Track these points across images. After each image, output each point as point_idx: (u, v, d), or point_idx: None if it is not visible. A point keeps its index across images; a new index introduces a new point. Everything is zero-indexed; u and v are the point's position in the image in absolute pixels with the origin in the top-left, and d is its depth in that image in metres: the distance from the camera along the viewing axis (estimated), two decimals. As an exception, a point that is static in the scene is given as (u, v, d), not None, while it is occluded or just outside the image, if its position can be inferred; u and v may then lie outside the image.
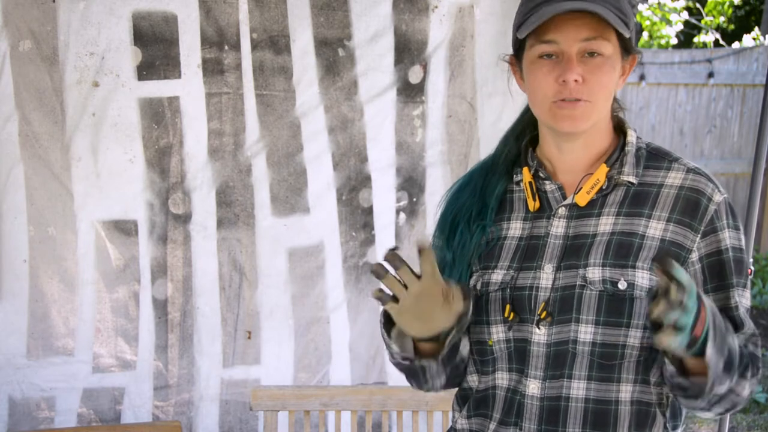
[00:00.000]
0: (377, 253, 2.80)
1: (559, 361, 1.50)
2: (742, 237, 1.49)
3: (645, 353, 1.48)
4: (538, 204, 1.56)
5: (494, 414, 1.58)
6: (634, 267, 1.46)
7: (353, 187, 2.74)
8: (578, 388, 1.49)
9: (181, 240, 2.62)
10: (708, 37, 11.94)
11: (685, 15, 12.47)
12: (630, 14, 1.47)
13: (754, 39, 10.95)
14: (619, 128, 1.58)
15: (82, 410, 2.62)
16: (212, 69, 2.55)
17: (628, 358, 1.48)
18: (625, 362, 1.48)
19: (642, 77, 8.70)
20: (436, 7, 2.68)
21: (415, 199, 2.80)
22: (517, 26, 1.48)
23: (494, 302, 1.56)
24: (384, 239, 2.80)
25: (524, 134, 1.65)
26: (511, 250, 1.57)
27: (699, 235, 1.46)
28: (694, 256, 1.46)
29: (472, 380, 1.63)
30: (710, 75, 8.66)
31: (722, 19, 12.80)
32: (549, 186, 1.57)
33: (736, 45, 10.62)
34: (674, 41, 12.26)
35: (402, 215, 2.80)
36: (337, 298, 2.79)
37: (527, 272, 1.54)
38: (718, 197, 1.47)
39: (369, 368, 2.86)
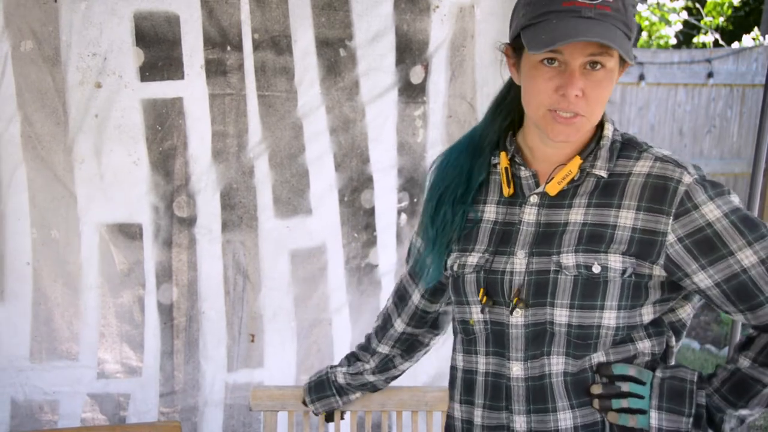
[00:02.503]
0: (379, 255, 2.80)
1: (538, 340, 1.54)
2: (733, 198, 1.48)
3: (621, 332, 1.52)
4: (512, 191, 1.60)
5: (478, 400, 1.63)
6: (606, 252, 1.49)
7: (355, 188, 2.74)
8: (557, 363, 1.54)
9: (186, 244, 2.61)
10: (707, 37, 11.96)
11: (684, 15, 12.48)
12: (633, 24, 1.47)
13: (753, 39, 10.96)
14: (600, 120, 1.58)
15: (86, 415, 2.61)
16: (215, 70, 2.54)
17: (604, 337, 1.52)
18: (600, 341, 1.52)
19: (641, 77, 8.71)
20: (437, 7, 2.68)
21: (416, 200, 2.80)
22: (522, 27, 1.46)
23: (470, 284, 1.61)
24: (385, 240, 2.80)
25: (505, 116, 1.66)
26: (487, 234, 1.62)
27: (671, 218, 1.46)
28: (671, 237, 1.46)
29: (459, 359, 1.68)
30: (709, 75, 8.67)
31: (721, 19, 12.81)
32: (524, 172, 1.60)
33: (735, 45, 10.63)
34: (673, 41, 12.27)
35: (403, 216, 2.80)
36: (340, 299, 2.79)
37: (501, 256, 1.58)
38: (687, 179, 1.46)
39: (370, 369, 2.86)
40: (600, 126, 1.57)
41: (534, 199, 1.57)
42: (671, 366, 1.58)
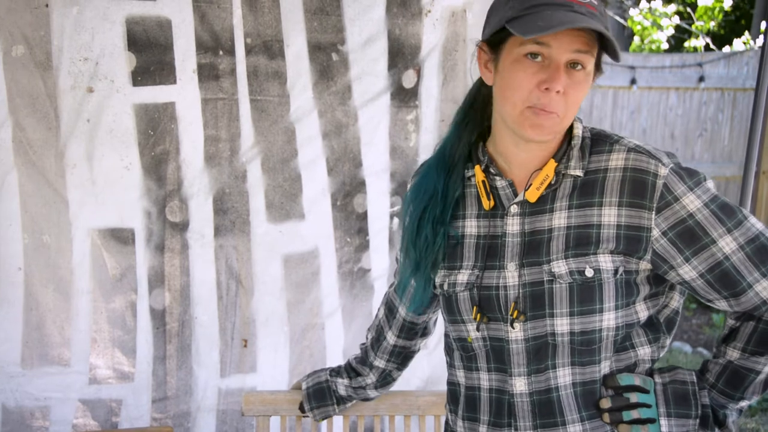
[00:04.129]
0: (371, 259, 2.80)
1: (541, 354, 1.53)
2: (709, 185, 1.48)
3: (621, 331, 1.53)
4: (492, 203, 1.58)
5: (482, 416, 1.61)
6: (596, 253, 1.49)
7: (348, 192, 2.74)
8: (564, 375, 1.53)
9: (179, 248, 2.60)
10: (699, 42, 12.01)
11: (676, 19, 12.54)
12: (608, 20, 1.49)
13: (744, 43, 11.01)
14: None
15: (78, 421, 2.59)
16: (207, 74, 2.53)
17: (606, 339, 1.52)
18: (603, 344, 1.52)
19: (633, 81, 8.74)
20: (429, 11, 2.68)
21: (409, 204, 2.80)
22: (509, 19, 1.45)
23: (463, 302, 1.60)
24: (378, 245, 2.79)
25: (473, 127, 1.64)
26: (472, 249, 1.60)
27: (654, 212, 1.46)
28: (656, 232, 1.47)
29: (460, 375, 1.67)
30: (701, 79, 8.71)
31: (713, 23, 12.86)
32: (500, 182, 1.58)
33: (726, 49, 10.68)
34: (665, 45, 12.31)
35: (396, 220, 2.80)
36: (332, 304, 2.79)
37: (491, 271, 1.57)
38: (663, 171, 1.46)
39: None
40: (570, 126, 1.56)
41: (514, 209, 1.56)
42: (668, 369, 1.58)
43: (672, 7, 12.93)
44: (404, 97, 2.72)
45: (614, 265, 1.48)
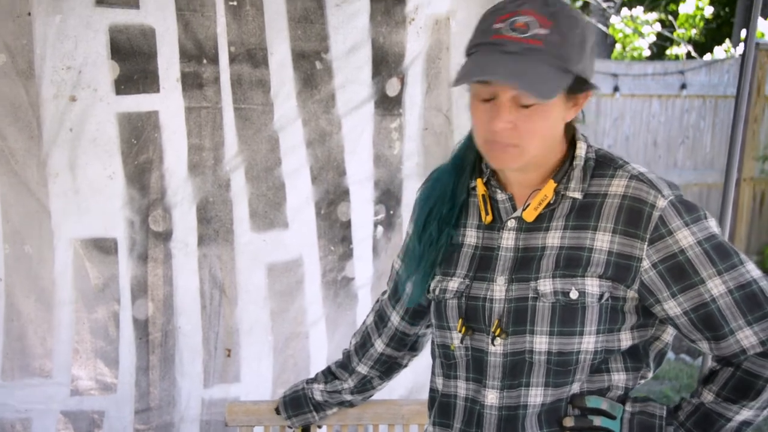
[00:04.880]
0: (355, 268, 2.79)
1: (517, 370, 1.53)
2: (709, 224, 1.46)
3: (599, 356, 1.52)
4: (490, 217, 1.58)
5: (455, 423, 1.62)
6: (583, 276, 1.48)
7: (332, 200, 2.74)
8: (535, 395, 1.53)
9: (162, 258, 2.59)
10: (680, 49, 12.11)
11: (657, 27, 12.63)
12: (576, 55, 1.42)
13: (725, 51, 11.11)
14: (574, 139, 1.56)
15: (60, 432, 2.58)
16: (191, 83, 2.53)
17: (582, 363, 1.51)
18: (579, 366, 1.52)
19: (616, 89, 8.79)
20: (413, 19, 2.69)
21: (392, 212, 2.80)
22: (467, 53, 1.50)
23: (451, 309, 1.60)
24: (362, 253, 2.79)
25: None
26: (468, 259, 1.61)
27: (646, 243, 1.45)
28: (645, 263, 1.46)
29: (438, 382, 1.67)
30: (683, 86, 8.78)
31: (694, 31, 12.97)
32: (500, 195, 1.59)
33: (707, 57, 10.76)
34: (647, 53, 12.40)
35: (380, 228, 2.80)
36: (316, 312, 2.78)
37: (481, 282, 1.57)
38: (661, 203, 1.45)
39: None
40: (573, 145, 1.55)
41: (511, 223, 1.56)
42: (640, 399, 1.57)
43: (653, 15, 13.03)
44: (388, 105, 2.72)
45: (600, 290, 1.48)
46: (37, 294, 2.51)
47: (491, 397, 1.55)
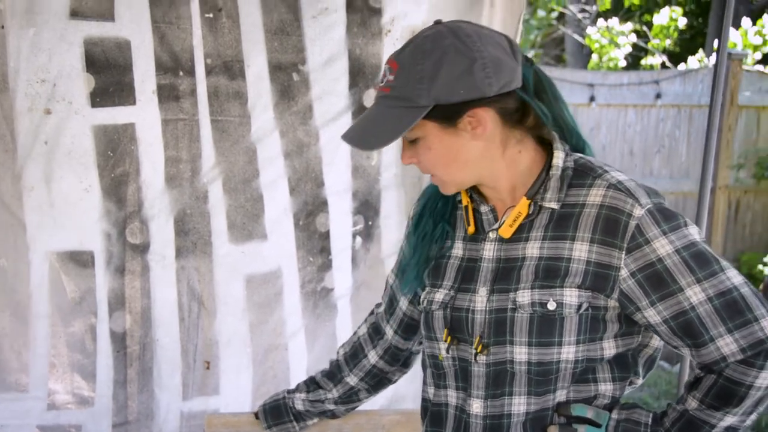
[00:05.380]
0: (334, 278, 2.79)
1: (500, 380, 1.55)
2: (688, 231, 1.46)
3: (581, 365, 1.53)
4: (473, 228, 1.61)
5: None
6: (562, 287, 1.49)
7: (310, 211, 2.73)
8: (519, 404, 1.55)
9: (139, 270, 2.57)
10: (655, 59, 12.22)
11: (633, 38, 12.74)
12: (423, 88, 1.45)
13: (699, 61, 11.21)
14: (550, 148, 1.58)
15: (37, 447, 2.55)
16: (167, 95, 2.52)
17: (563, 371, 1.53)
18: (560, 375, 1.53)
19: (592, 98, 8.86)
20: (389, 30, 2.70)
21: (370, 223, 2.80)
22: None
23: (437, 320, 1.63)
24: (341, 264, 2.79)
25: None
26: (453, 270, 1.63)
27: (624, 252, 1.46)
28: (624, 272, 1.47)
29: (430, 392, 1.69)
30: (658, 96, 8.84)
31: (668, 41, 13.10)
32: (483, 208, 1.62)
33: (682, 67, 10.86)
34: (623, 63, 12.50)
35: (358, 239, 2.80)
36: (295, 324, 2.77)
37: (465, 294, 1.59)
38: (638, 211, 1.45)
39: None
40: (550, 155, 1.57)
41: (492, 234, 1.58)
42: (627, 406, 1.58)
43: (629, 26, 13.15)
44: (365, 116, 2.73)
45: (579, 300, 1.49)
46: (13, 308, 2.49)
47: (476, 407, 1.57)
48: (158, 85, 2.51)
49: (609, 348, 1.54)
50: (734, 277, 1.46)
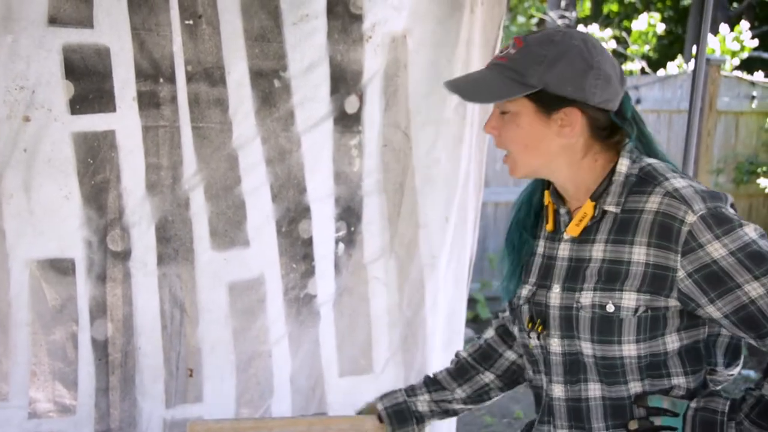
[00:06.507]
0: (317, 285, 2.79)
1: (575, 367, 1.69)
2: (743, 232, 1.52)
3: (645, 359, 1.63)
4: (551, 227, 1.77)
5: (539, 412, 1.81)
6: (621, 290, 1.60)
7: (293, 218, 2.73)
8: (594, 389, 1.68)
9: (121, 278, 2.55)
10: (635, 65, 12.29)
11: (612, 44, 12.82)
12: (535, 68, 1.59)
13: (677, 67, 11.30)
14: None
15: (17, 457, 2.53)
16: (148, 102, 2.51)
17: (629, 366, 1.64)
18: (627, 368, 1.64)
19: (573, 104, 8.90)
20: (370, 37, 2.71)
21: (353, 229, 2.80)
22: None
23: (523, 314, 1.79)
24: (324, 270, 2.79)
25: None
26: (537, 267, 1.79)
27: (679, 255, 1.54)
28: (681, 273, 1.55)
29: (530, 376, 1.86)
30: (638, 101, 8.90)
31: (647, 47, 13.19)
32: (562, 209, 1.76)
33: (661, 72, 10.94)
34: (602, 69, 12.54)
35: (341, 245, 2.80)
36: (279, 330, 2.77)
37: (542, 290, 1.75)
38: (690, 218, 1.53)
39: (309, 399, 2.84)
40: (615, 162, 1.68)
41: (566, 235, 1.71)
42: (705, 394, 1.63)
43: (608, 32, 13.23)
44: (347, 122, 2.73)
45: (636, 303, 1.58)
46: (-7, 317, 2.47)
47: (558, 391, 1.72)
48: (138, 91, 2.50)
49: (672, 342, 1.62)
50: None
